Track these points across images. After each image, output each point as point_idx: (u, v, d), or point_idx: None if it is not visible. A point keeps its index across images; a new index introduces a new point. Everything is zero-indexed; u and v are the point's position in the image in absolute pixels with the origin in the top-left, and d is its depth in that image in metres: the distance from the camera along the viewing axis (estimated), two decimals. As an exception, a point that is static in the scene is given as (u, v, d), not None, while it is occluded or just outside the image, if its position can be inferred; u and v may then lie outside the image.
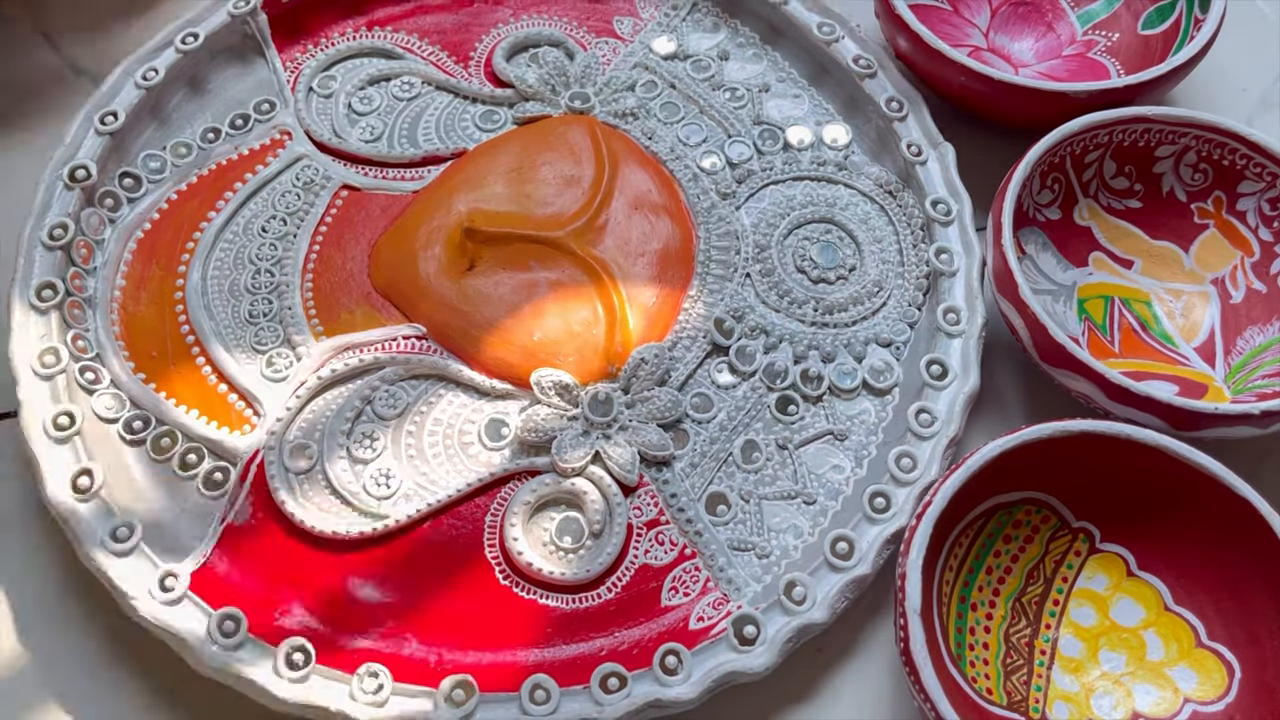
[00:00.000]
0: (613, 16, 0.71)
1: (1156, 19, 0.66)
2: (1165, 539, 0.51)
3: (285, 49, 0.67)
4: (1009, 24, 0.71)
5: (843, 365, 0.57)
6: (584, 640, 0.49)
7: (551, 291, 0.58)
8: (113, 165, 0.61)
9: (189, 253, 0.59)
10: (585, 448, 0.53)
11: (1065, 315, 0.59)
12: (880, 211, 0.63)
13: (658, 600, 0.50)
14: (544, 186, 0.61)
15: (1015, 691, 0.49)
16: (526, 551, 0.51)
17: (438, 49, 0.68)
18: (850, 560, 0.50)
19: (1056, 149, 0.58)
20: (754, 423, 0.55)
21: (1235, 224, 0.60)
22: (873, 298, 0.59)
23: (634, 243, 0.60)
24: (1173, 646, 0.50)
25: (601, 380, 0.55)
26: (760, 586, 0.51)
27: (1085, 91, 0.60)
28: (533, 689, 0.47)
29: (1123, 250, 0.61)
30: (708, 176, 0.63)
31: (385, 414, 0.54)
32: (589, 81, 0.67)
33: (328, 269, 0.59)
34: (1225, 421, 0.50)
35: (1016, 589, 0.51)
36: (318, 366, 0.56)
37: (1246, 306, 0.58)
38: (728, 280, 0.59)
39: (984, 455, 0.48)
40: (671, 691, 0.47)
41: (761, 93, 0.67)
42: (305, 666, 0.46)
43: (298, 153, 0.63)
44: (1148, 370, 0.57)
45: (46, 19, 0.71)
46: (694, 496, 0.53)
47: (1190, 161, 0.60)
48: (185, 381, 0.55)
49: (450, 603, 0.50)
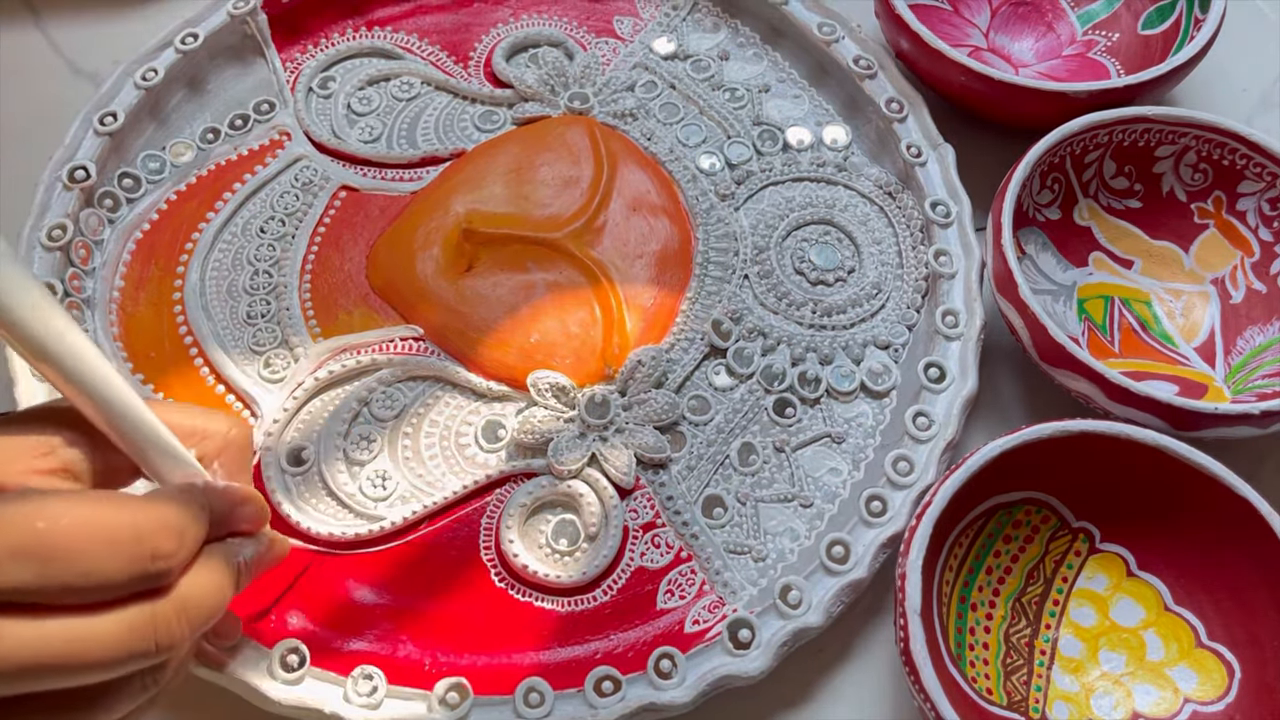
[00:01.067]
0: (613, 16, 0.71)
1: (1156, 19, 0.66)
2: (1165, 539, 0.51)
3: (285, 49, 0.67)
4: (1009, 24, 0.70)
5: (841, 368, 0.57)
6: (579, 643, 0.49)
7: (549, 293, 0.58)
8: (112, 166, 0.61)
9: (188, 253, 0.59)
10: (582, 450, 0.53)
11: (1065, 315, 0.58)
12: (879, 213, 0.63)
13: (653, 603, 0.50)
14: (542, 188, 0.61)
15: (1015, 691, 0.48)
16: (522, 554, 0.51)
17: (437, 49, 0.68)
18: (846, 564, 0.50)
19: (1056, 149, 0.58)
20: (751, 425, 0.55)
21: (1235, 224, 0.60)
22: (871, 300, 0.59)
23: (632, 244, 0.60)
24: (1173, 646, 0.49)
25: (598, 382, 0.55)
26: (756, 590, 0.51)
27: (1085, 91, 0.59)
28: (527, 692, 0.46)
29: (1123, 250, 0.61)
30: (706, 177, 0.63)
31: (382, 416, 0.54)
32: (588, 82, 0.67)
33: (326, 270, 0.59)
34: (1225, 421, 0.50)
35: (1016, 589, 0.51)
36: (315, 368, 0.55)
37: (1246, 306, 0.58)
38: (726, 282, 0.59)
39: (984, 455, 0.48)
40: (666, 695, 0.47)
41: (761, 93, 0.67)
42: (300, 668, 0.46)
43: (297, 153, 0.63)
44: (1148, 370, 0.57)
45: (46, 19, 0.71)
46: (690, 499, 0.53)
47: (1190, 161, 0.60)
48: (183, 382, 0.55)
49: (446, 605, 0.50)
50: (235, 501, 0.40)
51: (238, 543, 0.40)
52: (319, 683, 0.46)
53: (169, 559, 0.34)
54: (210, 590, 0.37)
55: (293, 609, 0.49)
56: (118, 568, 0.33)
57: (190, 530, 0.36)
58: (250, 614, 0.48)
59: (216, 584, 0.37)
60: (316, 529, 0.51)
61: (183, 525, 0.35)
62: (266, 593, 0.49)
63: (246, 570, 0.40)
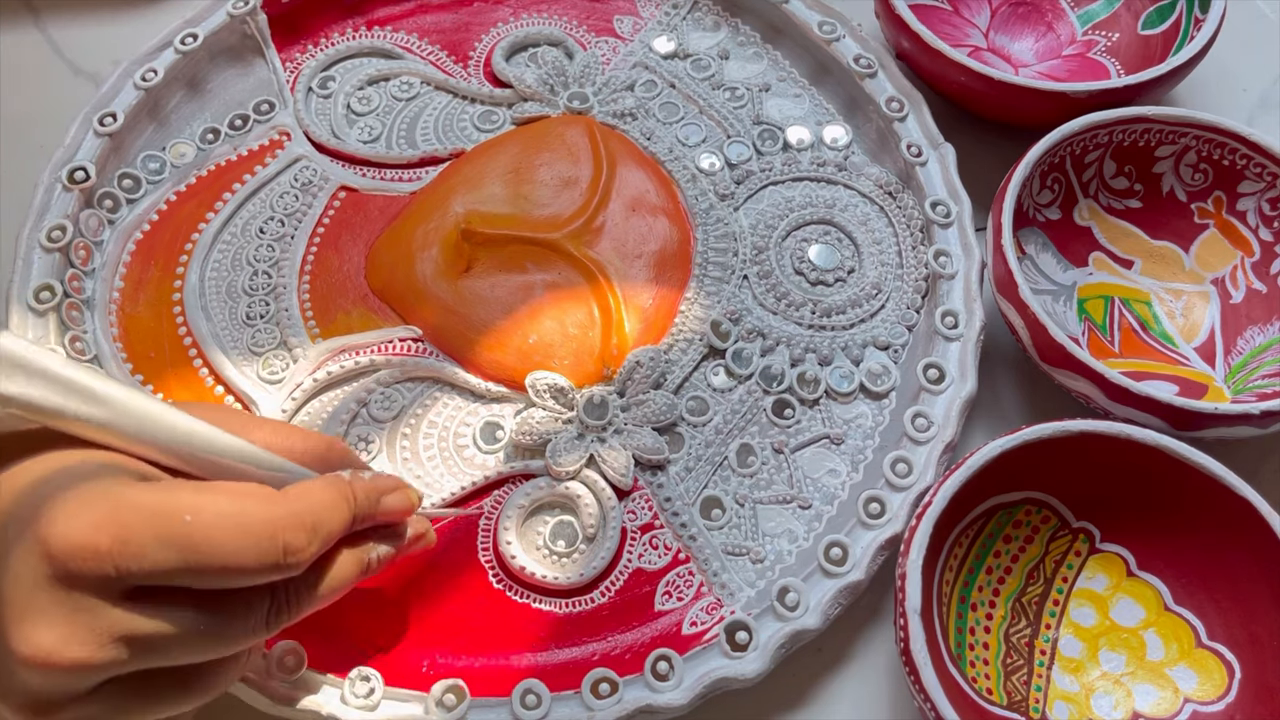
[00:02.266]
0: (612, 15, 0.70)
1: (1156, 19, 0.66)
2: (1165, 539, 0.51)
3: (285, 49, 0.67)
4: (1009, 24, 0.70)
5: (840, 368, 0.57)
6: (576, 645, 0.49)
7: (548, 293, 0.58)
8: (112, 166, 0.61)
9: (187, 254, 0.59)
10: (580, 451, 0.53)
11: (1065, 315, 0.58)
12: (880, 213, 0.62)
13: (651, 605, 0.50)
14: (541, 188, 0.61)
15: (1015, 691, 0.48)
16: (520, 555, 0.51)
17: (437, 49, 0.68)
18: (844, 566, 0.50)
19: (1056, 149, 0.58)
20: (750, 426, 0.55)
21: (1235, 224, 0.60)
22: (871, 300, 0.59)
23: (631, 244, 0.60)
24: (1173, 646, 0.49)
25: (597, 383, 0.55)
26: (754, 592, 0.51)
27: (1085, 91, 0.59)
28: (524, 694, 0.46)
29: (1123, 250, 0.61)
30: (706, 177, 0.63)
31: (381, 417, 0.54)
32: (588, 81, 0.66)
33: (325, 270, 0.59)
34: (1225, 421, 0.50)
35: (1016, 589, 0.51)
36: (314, 369, 0.56)
37: (1246, 306, 0.58)
38: (725, 282, 0.59)
39: (984, 455, 0.48)
40: (663, 697, 0.46)
41: (761, 92, 0.67)
42: (297, 670, 0.46)
43: (296, 153, 0.63)
44: (1148, 370, 0.57)
45: (46, 19, 0.71)
46: (689, 500, 0.53)
47: (1190, 161, 0.60)
48: (182, 383, 0.55)
49: (443, 606, 0.50)
50: (381, 490, 0.43)
51: (373, 544, 0.43)
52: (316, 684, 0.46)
53: (298, 554, 0.37)
54: (331, 583, 0.41)
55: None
56: (252, 560, 0.36)
57: (326, 523, 0.39)
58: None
59: (340, 578, 0.41)
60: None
61: (316, 519, 0.38)
62: None
63: (380, 562, 0.43)
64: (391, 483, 0.44)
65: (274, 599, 0.39)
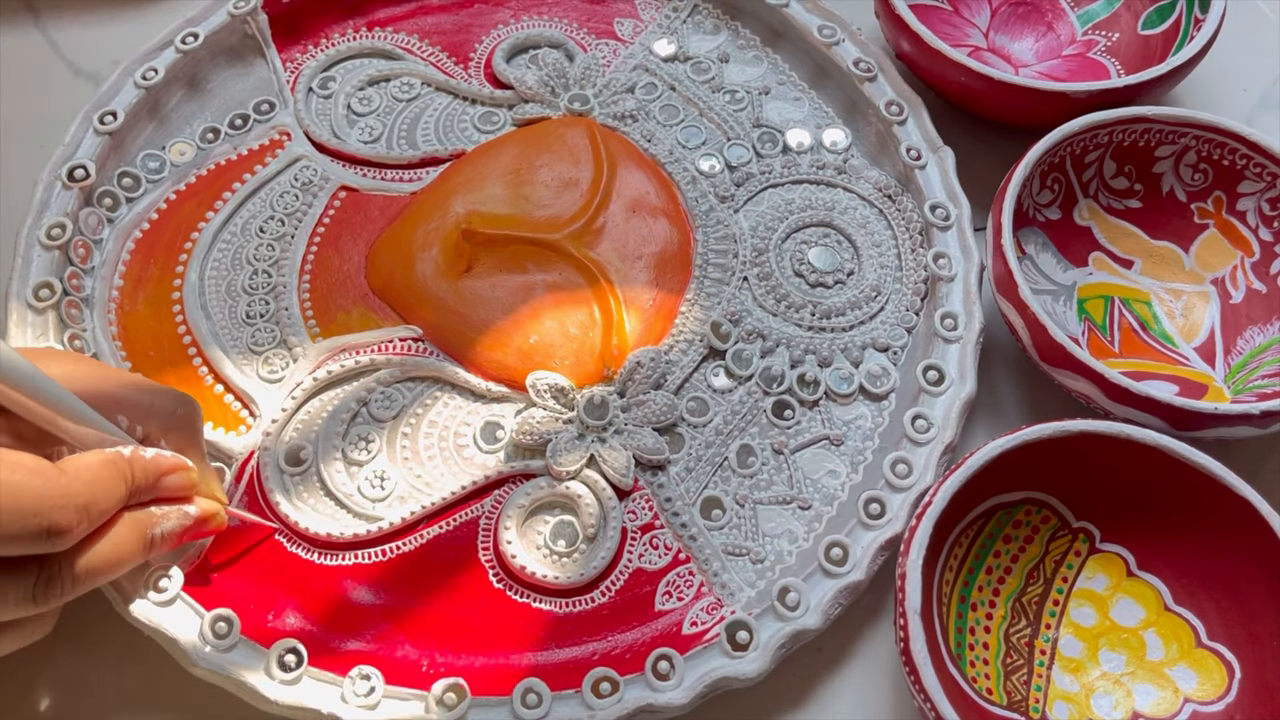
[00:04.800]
0: (613, 18, 0.71)
1: (1156, 19, 0.66)
2: (1165, 539, 0.51)
3: (285, 49, 0.67)
4: (1009, 24, 0.70)
5: (839, 370, 0.57)
6: (577, 644, 0.49)
7: (548, 294, 0.58)
8: (111, 165, 0.61)
9: (187, 253, 0.59)
10: (580, 451, 0.53)
11: (1065, 315, 0.58)
12: (879, 215, 0.62)
13: (651, 604, 0.50)
14: (542, 189, 0.61)
15: (1015, 691, 0.48)
16: (520, 555, 0.51)
17: (438, 50, 0.68)
18: (844, 566, 0.50)
19: (1056, 149, 0.58)
20: (750, 427, 0.55)
21: (1235, 224, 0.60)
22: (870, 302, 0.59)
23: (631, 245, 0.60)
24: (1173, 646, 0.49)
25: (597, 383, 0.55)
26: (754, 592, 0.51)
27: (1085, 91, 0.59)
28: (524, 693, 0.46)
29: (1123, 250, 0.61)
30: (706, 179, 0.63)
31: (381, 416, 0.54)
32: (589, 83, 0.67)
33: (325, 270, 0.59)
34: (1225, 421, 0.50)
35: (1016, 589, 0.51)
36: (314, 368, 0.55)
37: (1246, 306, 0.58)
38: (725, 284, 0.59)
39: (984, 455, 0.48)
40: (663, 697, 0.46)
41: (761, 95, 0.67)
42: (297, 668, 0.46)
43: (296, 153, 0.63)
44: (1148, 370, 0.57)
45: (46, 19, 0.71)
46: (689, 501, 0.53)
47: (1190, 161, 0.60)
48: (182, 382, 0.55)
49: (443, 606, 0.50)
50: (161, 471, 0.43)
51: (158, 513, 0.43)
52: (316, 683, 0.46)
53: (65, 533, 0.37)
54: (109, 560, 0.41)
55: (290, 609, 0.49)
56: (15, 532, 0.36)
57: (99, 502, 0.39)
58: (248, 613, 0.48)
59: (117, 555, 0.41)
60: (314, 529, 0.51)
61: (89, 499, 0.38)
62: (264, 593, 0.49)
63: (164, 540, 0.43)
64: (172, 463, 0.44)
65: (43, 570, 0.38)
